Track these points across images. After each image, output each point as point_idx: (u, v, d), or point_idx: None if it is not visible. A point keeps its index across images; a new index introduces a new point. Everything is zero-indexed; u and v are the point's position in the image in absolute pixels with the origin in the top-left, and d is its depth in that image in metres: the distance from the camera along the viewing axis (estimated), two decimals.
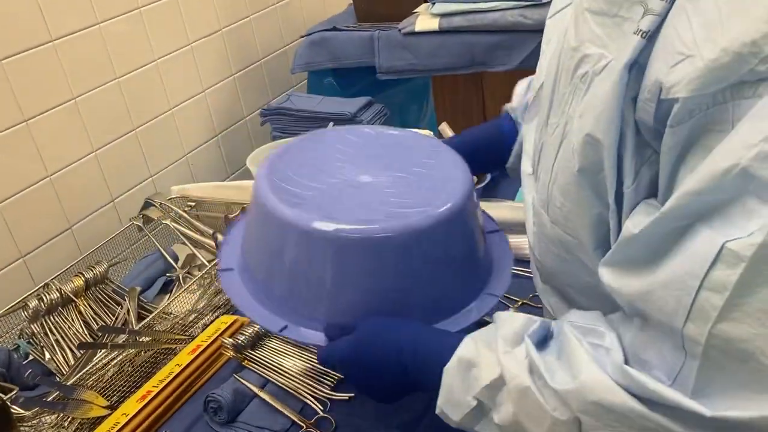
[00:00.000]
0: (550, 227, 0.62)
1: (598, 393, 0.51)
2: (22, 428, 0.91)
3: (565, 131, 0.58)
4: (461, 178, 0.83)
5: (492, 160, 0.98)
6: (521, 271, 1.18)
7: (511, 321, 0.61)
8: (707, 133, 0.46)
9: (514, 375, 0.57)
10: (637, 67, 0.50)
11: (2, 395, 0.94)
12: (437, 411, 0.64)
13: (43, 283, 1.21)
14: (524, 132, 0.77)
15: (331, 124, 1.58)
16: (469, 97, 2.72)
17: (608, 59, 0.52)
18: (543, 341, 0.60)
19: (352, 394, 0.98)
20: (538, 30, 1.62)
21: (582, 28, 0.56)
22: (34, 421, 0.99)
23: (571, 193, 0.57)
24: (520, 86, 0.98)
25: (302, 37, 1.91)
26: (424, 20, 1.72)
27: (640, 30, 0.50)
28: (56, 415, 1.00)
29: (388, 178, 0.84)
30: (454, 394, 0.62)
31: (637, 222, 0.50)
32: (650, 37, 0.50)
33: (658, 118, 0.49)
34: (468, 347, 0.61)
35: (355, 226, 0.74)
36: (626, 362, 0.52)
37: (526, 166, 0.73)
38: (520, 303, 1.12)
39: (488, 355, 0.59)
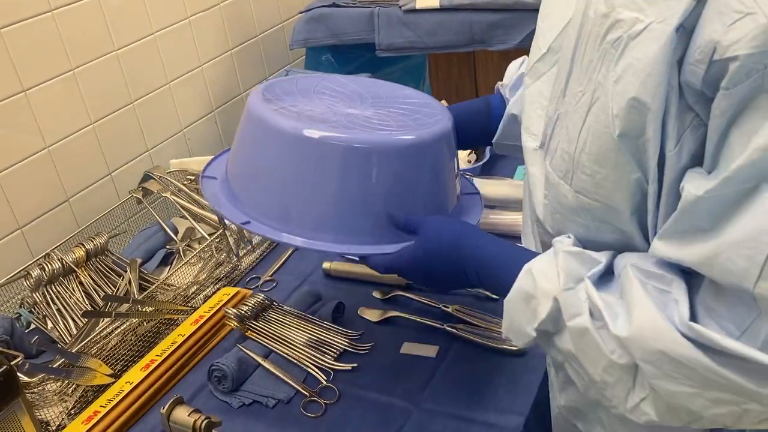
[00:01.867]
0: (572, 197, 0.62)
1: (663, 342, 0.51)
2: (27, 395, 0.91)
3: (594, 98, 0.57)
4: (441, 116, 0.90)
5: (479, 135, 0.98)
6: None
7: (572, 255, 0.60)
8: (763, 94, 0.46)
9: (572, 314, 0.57)
10: (682, 29, 0.50)
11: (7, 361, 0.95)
12: (503, 335, 0.67)
13: (44, 253, 1.21)
14: (522, 108, 0.77)
15: None
16: (463, 76, 2.73)
17: (645, 23, 0.52)
18: (604, 279, 0.59)
19: (355, 365, 1.00)
20: (538, 9, 1.62)
21: None
22: (39, 388, 0.99)
23: (608, 159, 0.57)
24: (513, 65, 0.98)
25: (301, 12, 1.90)
26: None
27: None
28: (60, 383, 1.00)
29: (373, 112, 0.91)
30: (515, 324, 0.64)
31: (698, 185, 0.50)
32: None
33: (707, 80, 0.49)
34: (526, 280, 0.62)
35: (340, 134, 0.81)
36: (693, 311, 0.52)
37: (528, 142, 0.73)
38: None
39: (547, 288, 0.60)
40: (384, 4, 1.79)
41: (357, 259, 1.14)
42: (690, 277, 0.55)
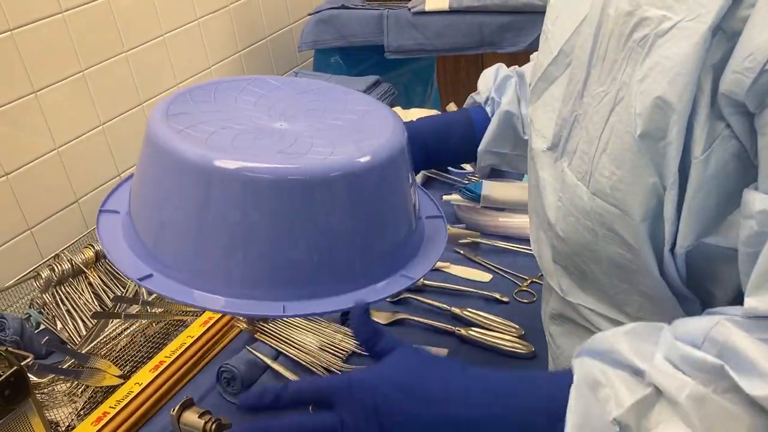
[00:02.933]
0: (587, 199, 0.60)
1: None
2: (37, 395, 0.91)
3: (617, 97, 0.56)
4: (392, 128, 0.75)
5: (461, 146, 0.91)
6: (529, 250, 1.19)
7: (631, 334, 0.51)
8: None
9: (679, 387, 0.46)
10: (721, 33, 0.48)
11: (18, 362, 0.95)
12: None
13: (54, 254, 1.21)
14: (530, 111, 0.76)
15: None
16: (471, 79, 2.73)
17: (673, 20, 0.51)
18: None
19: (364, 367, 0.99)
20: None
21: None
22: (48, 389, 0.99)
23: (626, 160, 0.55)
24: (488, 73, 0.94)
25: (310, 14, 1.90)
26: None
27: None
28: (70, 384, 1.00)
29: (307, 126, 0.76)
30: (588, 420, 0.49)
31: None
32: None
33: (754, 90, 0.46)
34: (586, 368, 0.50)
35: (263, 165, 0.65)
36: None
37: (539, 144, 0.72)
38: (529, 281, 1.13)
39: (621, 374, 0.49)
40: (393, 6, 1.79)
41: None
42: None
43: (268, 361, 1.00)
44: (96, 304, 1.16)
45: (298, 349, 1.02)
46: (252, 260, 0.67)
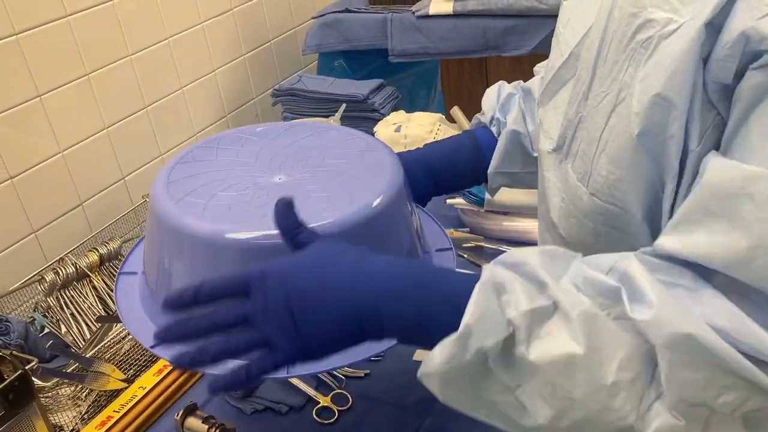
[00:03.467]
0: (587, 200, 0.61)
1: (691, 326, 0.46)
2: (41, 399, 0.91)
3: (618, 98, 0.57)
4: (389, 176, 0.76)
5: (470, 170, 0.90)
6: None
7: (546, 254, 0.53)
8: None
9: (574, 303, 0.49)
10: (710, 26, 0.49)
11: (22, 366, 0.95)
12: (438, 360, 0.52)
13: (58, 258, 1.22)
14: (541, 113, 0.76)
15: (343, 106, 1.58)
16: (474, 82, 2.73)
17: (679, 22, 0.52)
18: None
19: (368, 372, 0.99)
20: (552, 15, 1.62)
21: None
22: (53, 393, 1.00)
23: (624, 159, 0.56)
24: (491, 92, 0.94)
25: (314, 18, 1.91)
26: (438, 3, 1.72)
27: None
28: (74, 387, 1.01)
29: (306, 175, 0.77)
30: (486, 317, 0.50)
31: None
32: None
33: (739, 73, 0.48)
34: (496, 273, 0.52)
35: (269, 232, 0.65)
36: None
37: (545, 145, 0.72)
38: None
39: (525, 284, 0.51)
40: (397, 10, 1.79)
41: None
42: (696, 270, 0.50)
43: None
44: (100, 307, 1.16)
45: None
46: None
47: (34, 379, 0.94)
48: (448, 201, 1.29)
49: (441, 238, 0.87)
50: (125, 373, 1.03)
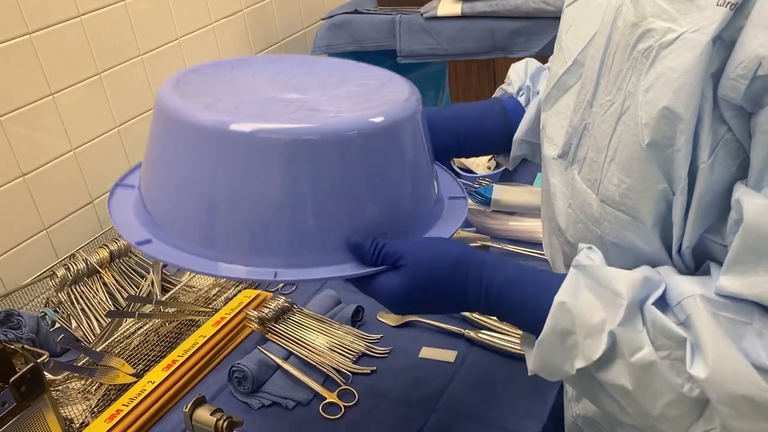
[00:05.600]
0: (597, 206, 0.62)
1: (746, 387, 0.48)
2: (52, 392, 0.93)
3: (624, 107, 0.58)
4: (407, 94, 0.74)
5: (498, 133, 0.89)
6: (539, 253, 1.20)
7: (624, 281, 0.55)
8: None
9: (633, 349, 0.53)
10: (719, 42, 0.50)
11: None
12: (529, 372, 0.62)
13: (69, 254, 1.23)
14: (543, 118, 0.77)
15: None
16: (482, 84, 2.73)
17: (678, 32, 0.52)
18: (660, 303, 0.55)
19: (374, 368, 1.00)
20: (559, 17, 1.63)
21: (644, 4, 0.56)
22: (63, 386, 1.01)
23: (634, 169, 0.57)
24: (519, 66, 0.94)
25: (323, 19, 1.92)
26: (446, 5, 1.73)
27: (728, 2, 0.50)
28: (84, 381, 1.02)
29: (321, 95, 0.74)
30: (549, 363, 0.59)
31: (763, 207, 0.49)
32: (737, 9, 0.49)
33: (749, 95, 0.49)
34: (561, 316, 0.57)
35: (278, 125, 0.65)
36: None
37: (549, 151, 0.73)
38: None
39: (593, 323, 0.55)
40: (406, 11, 1.80)
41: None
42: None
43: (279, 361, 1.01)
44: (110, 303, 1.17)
45: (308, 349, 1.03)
46: (271, 227, 0.66)
47: (45, 372, 0.95)
48: None
49: (454, 186, 0.85)
50: (134, 368, 1.05)
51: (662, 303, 0.55)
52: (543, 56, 1.65)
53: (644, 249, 0.59)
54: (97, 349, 1.04)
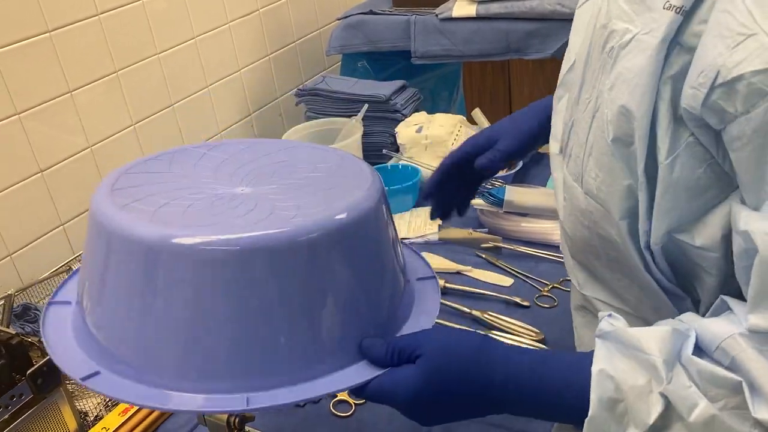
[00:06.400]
0: (582, 199, 0.63)
1: None
2: (67, 385, 0.94)
3: (597, 104, 0.60)
4: (367, 185, 0.67)
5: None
6: (551, 255, 1.21)
7: (652, 338, 0.53)
8: None
9: (690, 407, 0.50)
10: (678, 47, 0.52)
11: None
12: None
13: None
14: (552, 117, 0.79)
15: (365, 106, 1.60)
16: (497, 85, 2.73)
17: (633, 33, 0.55)
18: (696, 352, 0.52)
19: None
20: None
21: (612, 6, 0.58)
22: None
23: (604, 163, 0.59)
24: None
25: (338, 19, 1.93)
26: (462, 6, 1.73)
27: (673, 5, 0.51)
28: None
29: (272, 188, 0.68)
30: None
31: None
32: (687, 14, 0.51)
33: (708, 105, 0.49)
34: (604, 384, 0.53)
35: (227, 235, 0.57)
36: None
37: (553, 147, 0.75)
38: (550, 287, 1.14)
39: (639, 385, 0.52)
40: (420, 12, 1.81)
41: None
42: None
43: None
44: None
45: None
46: (209, 347, 0.59)
47: None
48: None
49: (421, 266, 0.79)
50: None
51: (699, 351, 0.52)
52: (558, 58, 1.66)
53: (618, 243, 0.60)
54: None
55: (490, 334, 1.02)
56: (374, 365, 0.62)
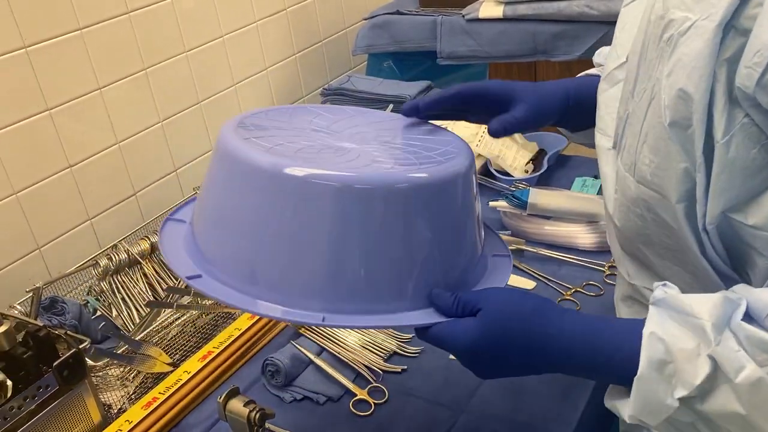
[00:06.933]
0: (634, 188, 0.65)
1: None
2: (92, 378, 0.96)
3: (653, 92, 0.61)
4: (461, 151, 0.75)
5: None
6: (574, 259, 1.20)
7: (704, 304, 0.55)
8: None
9: (737, 369, 0.52)
10: (734, 30, 0.53)
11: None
12: (629, 419, 0.59)
13: (112, 244, 1.27)
14: (597, 111, 0.79)
15: (390, 106, 1.61)
16: None
17: (692, 20, 0.56)
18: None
19: (405, 367, 1.01)
20: (602, 21, 1.61)
21: None
22: (103, 372, 1.04)
23: (660, 148, 0.60)
24: (605, 50, 0.92)
25: (365, 19, 1.93)
26: (488, 7, 1.73)
27: None
28: (122, 369, 1.05)
29: (376, 147, 0.77)
30: (651, 400, 0.57)
31: None
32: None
33: (761, 83, 0.51)
34: (655, 346, 0.56)
35: (333, 172, 0.66)
36: None
37: (602, 142, 0.76)
38: (572, 290, 1.13)
39: (689, 348, 0.54)
40: (447, 13, 1.81)
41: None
42: None
43: (312, 357, 1.03)
44: (150, 293, 1.20)
45: (341, 346, 1.05)
46: (314, 272, 0.67)
47: (86, 358, 0.99)
48: (491, 204, 1.30)
49: (498, 244, 0.85)
50: (171, 357, 1.07)
51: (749, 319, 0.54)
52: (585, 60, 1.64)
53: (674, 227, 0.61)
54: (136, 338, 1.07)
55: None
56: (440, 313, 0.68)
